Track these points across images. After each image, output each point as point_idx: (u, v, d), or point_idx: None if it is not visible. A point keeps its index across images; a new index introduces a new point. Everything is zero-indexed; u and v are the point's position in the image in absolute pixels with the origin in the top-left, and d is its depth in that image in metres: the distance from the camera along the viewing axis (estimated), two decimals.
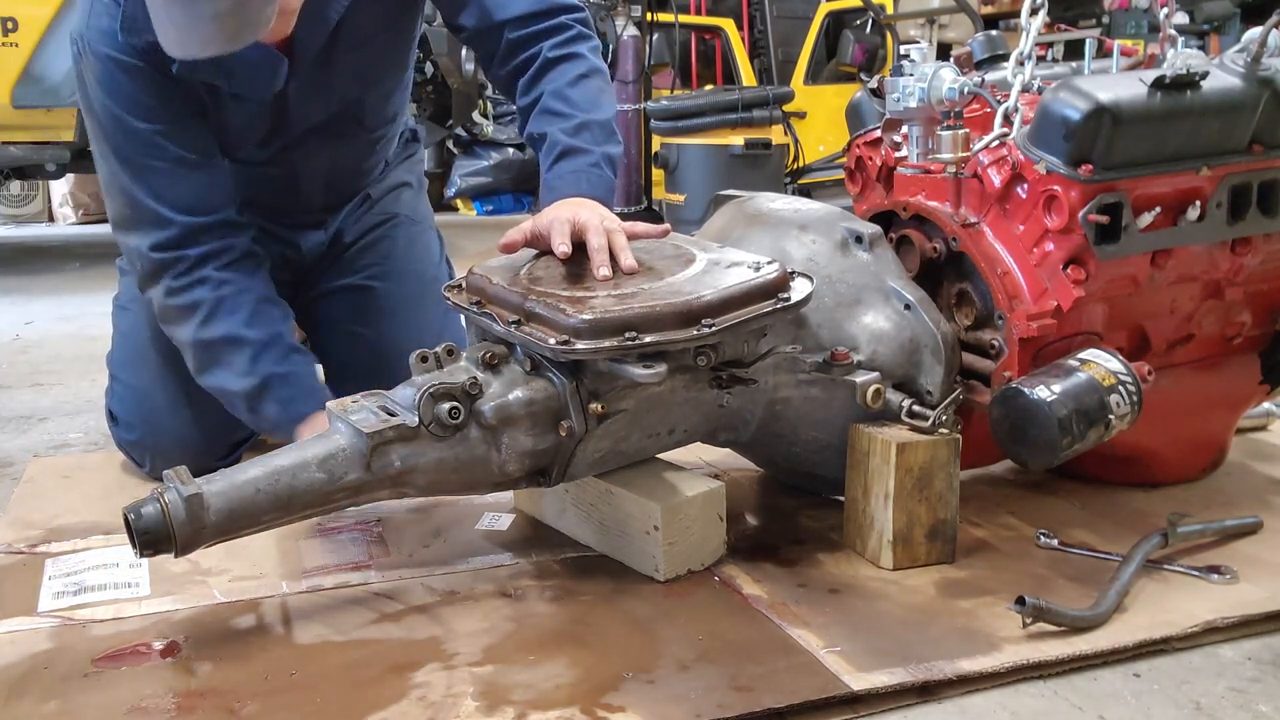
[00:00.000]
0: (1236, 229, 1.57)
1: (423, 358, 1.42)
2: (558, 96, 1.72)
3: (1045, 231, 1.48)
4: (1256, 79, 1.52)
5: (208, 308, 1.71)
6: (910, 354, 1.50)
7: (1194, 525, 1.52)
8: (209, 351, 1.72)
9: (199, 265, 1.71)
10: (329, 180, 2.00)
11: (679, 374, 1.40)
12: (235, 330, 1.71)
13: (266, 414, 1.71)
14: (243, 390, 1.70)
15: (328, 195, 2.03)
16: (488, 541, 1.59)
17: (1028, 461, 1.42)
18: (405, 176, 2.19)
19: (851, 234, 1.55)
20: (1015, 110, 1.53)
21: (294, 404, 1.70)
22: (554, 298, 1.38)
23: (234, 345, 1.71)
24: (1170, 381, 1.58)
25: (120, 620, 1.36)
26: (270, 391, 1.70)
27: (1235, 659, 1.26)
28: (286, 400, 1.70)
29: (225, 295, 1.72)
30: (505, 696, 1.17)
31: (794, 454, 1.60)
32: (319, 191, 2.01)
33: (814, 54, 5.93)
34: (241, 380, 1.70)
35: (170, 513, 1.24)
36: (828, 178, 5.31)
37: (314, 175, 1.96)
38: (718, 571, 1.47)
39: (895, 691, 1.17)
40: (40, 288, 4.09)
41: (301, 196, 1.99)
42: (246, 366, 1.70)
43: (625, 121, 4.95)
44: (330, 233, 2.06)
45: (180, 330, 1.74)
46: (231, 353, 1.71)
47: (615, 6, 4.78)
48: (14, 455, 2.08)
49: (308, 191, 1.99)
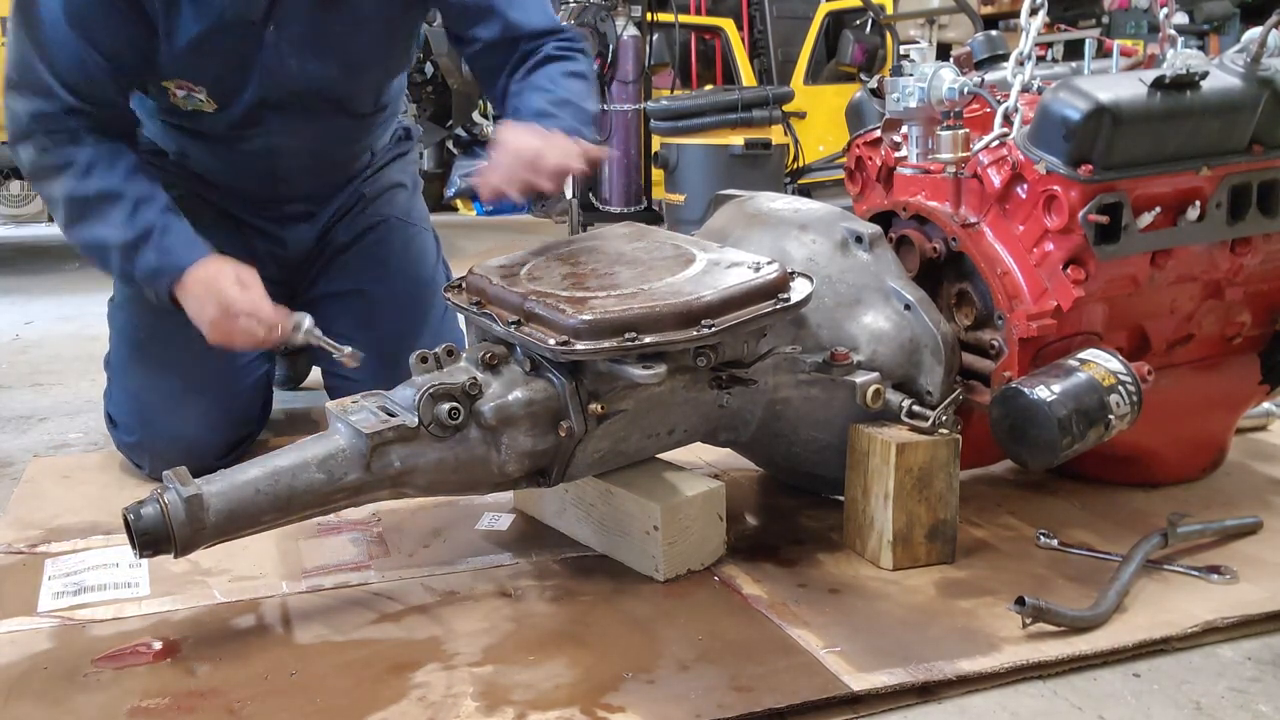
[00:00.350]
0: (1236, 229, 1.57)
1: (422, 358, 1.42)
2: (549, 78, 1.79)
3: (1045, 231, 1.48)
4: (1256, 79, 1.52)
5: (84, 163, 1.71)
6: (910, 354, 1.50)
7: (1194, 525, 1.52)
8: (85, 206, 1.72)
9: (75, 131, 1.72)
10: (310, 164, 1.98)
11: (679, 374, 1.40)
12: (113, 184, 1.71)
13: (144, 263, 1.70)
14: (120, 241, 1.70)
15: (310, 181, 2.02)
16: (488, 541, 1.59)
17: (1028, 461, 1.42)
18: (399, 177, 2.18)
19: (851, 234, 1.55)
20: (1015, 110, 1.53)
21: (174, 253, 1.69)
22: (554, 298, 1.38)
23: (111, 199, 1.71)
24: (1170, 381, 1.58)
25: (120, 620, 1.36)
26: (149, 241, 1.70)
27: (1235, 659, 1.26)
28: (166, 249, 1.70)
29: (102, 153, 1.72)
30: (505, 696, 1.17)
31: (794, 454, 1.60)
32: (300, 176, 1.99)
33: (814, 54, 5.93)
34: (119, 231, 1.70)
35: (170, 513, 1.24)
36: (828, 178, 5.31)
37: (293, 156, 1.94)
38: (718, 571, 1.47)
39: (895, 692, 1.17)
40: (40, 288, 4.09)
41: (281, 181, 1.98)
42: (124, 219, 1.70)
43: (625, 121, 4.95)
44: (318, 228, 2.05)
45: (53, 186, 1.73)
46: (108, 206, 1.70)
47: (615, 6, 4.78)
48: (14, 455, 2.08)
49: (288, 175, 1.97)
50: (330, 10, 1.77)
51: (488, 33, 1.85)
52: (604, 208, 5.03)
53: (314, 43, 1.80)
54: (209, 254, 1.71)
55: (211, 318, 1.67)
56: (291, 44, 1.78)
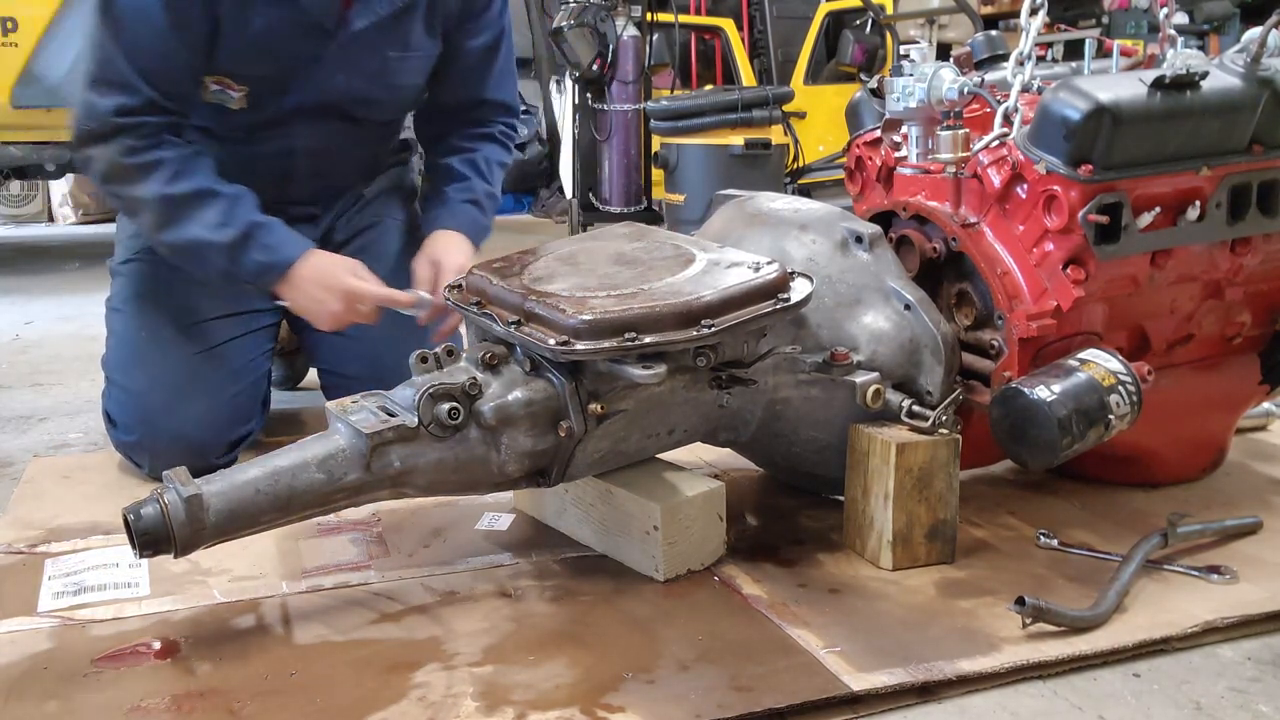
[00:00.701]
0: (1236, 229, 1.57)
1: (422, 358, 1.42)
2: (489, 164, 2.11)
3: (1045, 231, 1.48)
4: (1256, 79, 1.52)
5: (173, 165, 1.74)
6: (910, 354, 1.50)
7: (1194, 525, 1.52)
8: (178, 206, 1.74)
9: (159, 131, 1.75)
10: (322, 168, 2.01)
11: (679, 374, 1.40)
12: (206, 184, 1.74)
13: (250, 262, 1.75)
14: (225, 241, 1.73)
15: (317, 183, 2.04)
16: (488, 541, 1.59)
17: (1028, 461, 1.42)
18: (397, 182, 2.23)
19: (851, 234, 1.55)
20: (1015, 110, 1.53)
21: (279, 250, 1.75)
22: (554, 298, 1.38)
23: (206, 198, 1.74)
24: (1170, 381, 1.58)
25: (120, 620, 1.36)
26: (254, 239, 1.74)
27: (1235, 659, 1.26)
28: (271, 247, 1.75)
29: (189, 155, 1.77)
30: (505, 696, 1.17)
31: (794, 454, 1.60)
32: (310, 179, 2.02)
33: (814, 54, 5.92)
34: (220, 231, 1.73)
35: (170, 513, 1.24)
36: (828, 178, 5.31)
37: (307, 158, 1.97)
38: (718, 571, 1.47)
39: (895, 692, 1.17)
40: (40, 288, 4.09)
41: (292, 183, 2.00)
42: (222, 217, 1.73)
43: (625, 121, 4.95)
44: (320, 230, 2.07)
45: (139, 187, 1.75)
46: (203, 206, 1.73)
47: (615, 6, 4.77)
48: (14, 455, 2.08)
49: (299, 177, 2.00)
50: (388, 35, 1.88)
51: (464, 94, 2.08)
52: (604, 208, 5.03)
53: (366, 62, 1.89)
54: (310, 247, 1.76)
55: (333, 311, 1.76)
56: (346, 59, 1.86)
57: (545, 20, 5.16)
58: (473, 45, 2.03)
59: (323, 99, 1.90)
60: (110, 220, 5.84)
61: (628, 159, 4.99)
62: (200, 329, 1.90)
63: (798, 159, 5.21)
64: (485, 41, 2.05)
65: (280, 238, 1.79)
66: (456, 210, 2.02)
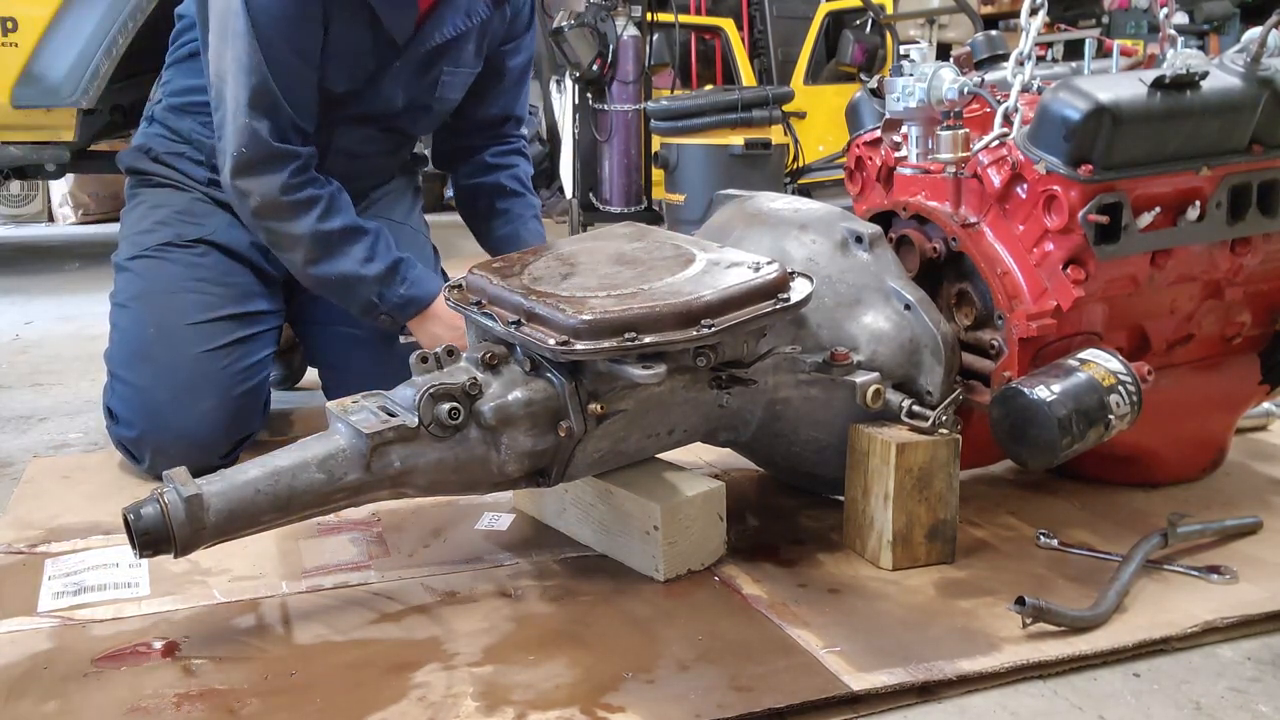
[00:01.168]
0: (1236, 229, 1.57)
1: (423, 358, 1.42)
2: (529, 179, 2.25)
3: (1045, 231, 1.48)
4: (1256, 79, 1.52)
5: (324, 202, 1.83)
6: (910, 354, 1.50)
7: (1194, 525, 1.52)
8: (329, 242, 1.84)
9: (309, 163, 1.84)
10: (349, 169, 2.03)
11: (678, 374, 1.40)
12: (352, 221, 1.85)
13: (395, 296, 1.86)
14: (374, 274, 1.84)
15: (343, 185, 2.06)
16: (488, 541, 1.59)
17: (1028, 461, 1.42)
18: (402, 186, 2.26)
19: (851, 234, 1.55)
20: (1015, 110, 1.53)
21: (421, 285, 1.88)
22: (554, 298, 1.38)
23: (354, 235, 1.84)
24: (1170, 381, 1.58)
25: (120, 620, 1.36)
26: (399, 274, 1.86)
27: (1235, 659, 1.26)
28: (415, 281, 1.87)
29: (335, 191, 1.86)
30: (505, 696, 1.17)
31: (794, 454, 1.60)
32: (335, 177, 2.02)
33: (814, 54, 5.92)
34: (369, 266, 1.84)
35: (170, 513, 1.24)
36: (828, 178, 5.31)
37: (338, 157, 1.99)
38: (718, 571, 1.47)
39: (895, 691, 1.17)
40: (40, 288, 4.09)
41: None
42: (368, 253, 1.84)
43: (625, 121, 4.95)
44: None
45: (293, 224, 1.83)
46: (351, 242, 1.84)
47: (615, 6, 4.77)
48: (14, 455, 2.08)
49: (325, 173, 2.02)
50: (446, 53, 1.95)
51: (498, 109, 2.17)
52: (604, 208, 5.03)
53: (424, 79, 1.97)
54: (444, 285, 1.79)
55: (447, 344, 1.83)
56: (409, 76, 1.94)
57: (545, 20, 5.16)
58: (513, 65, 2.13)
59: (375, 109, 1.96)
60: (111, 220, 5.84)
61: (628, 159, 4.99)
62: (207, 327, 1.91)
63: (798, 159, 5.21)
64: (523, 60, 2.14)
65: (420, 273, 1.90)
66: (530, 227, 2.16)
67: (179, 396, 1.84)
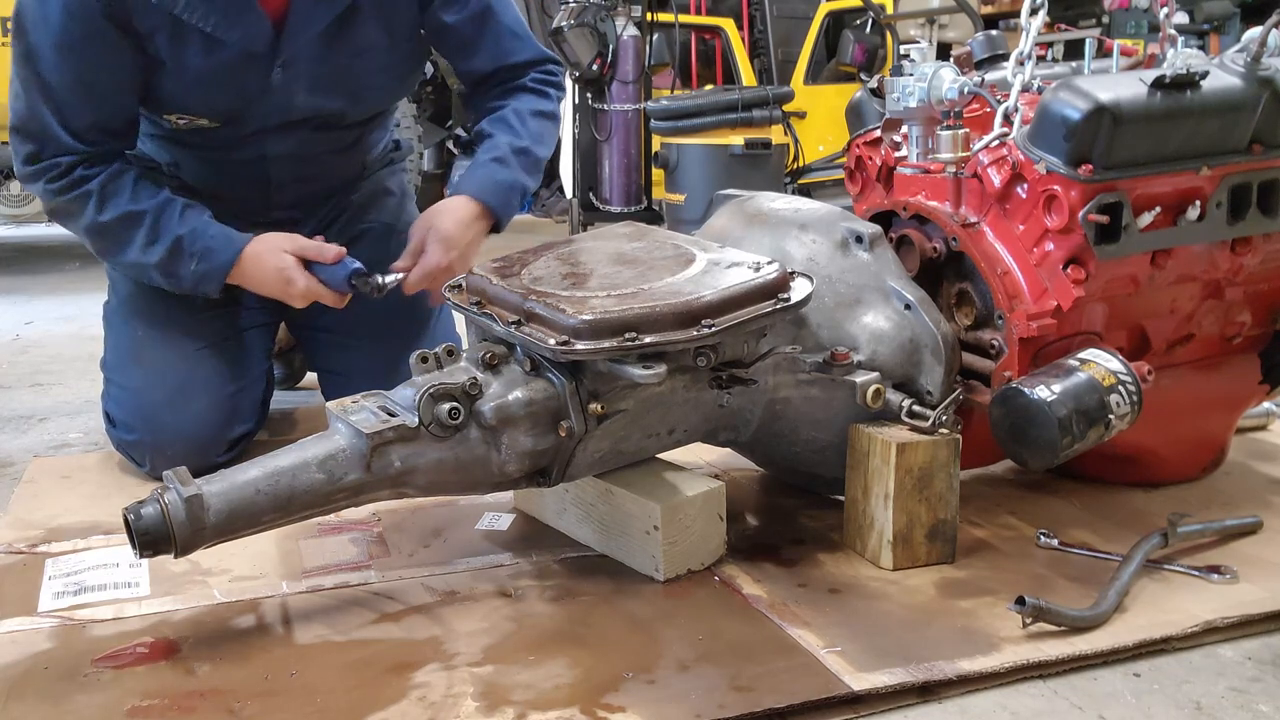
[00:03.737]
0: (1236, 229, 1.57)
1: (423, 358, 1.42)
2: (519, 115, 1.99)
3: (1045, 231, 1.48)
4: (1256, 79, 1.52)
5: (97, 194, 1.75)
6: (910, 354, 1.50)
7: (1194, 525, 1.52)
8: (108, 235, 1.77)
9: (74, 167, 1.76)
10: (303, 171, 1.99)
11: (679, 374, 1.40)
12: (126, 208, 1.76)
13: (187, 274, 1.77)
14: (158, 259, 1.76)
15: (298, 189, 2.02)
16: (488, 541, 1.59)
17: (1028, 461, 1.42)
18: (388, 184, 2.19)
19: (851, 234, 1.55)
20: (1015, 110, 1.53)
21: (214, 253, 1.76)
22: (554, 298, 1.38)
23: (130, 221, 1.75)
24: (1170, 381, 1.58)
25: (120, 620, 1.36)
26: (182, 251, 1.76)
27: (1235, 659, 1.26)
28: (203, 252, 1.76)
29: (110, 176, 1.77)
30: (505, 696, 1.17)
31: (794, 454, 1.60)
32: (292, 183, 2.00)
33: (814, 54, 5.92)
34: (149, 252, 1.75)
35: (170, 513, 1.24)
36: (828, 178, 5.31)
37: (287, 163, 1.95)
38: (718, 571, 1.47)
39: (895, 691, 1.17)
40: (40, 288, 4.09)
41: (274, 188, 1.99)
42: (148, 236, 1.75)
43: (625, 121, 4.95)
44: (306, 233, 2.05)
45: (74, 222, 1.79)
46: (130, 229, 1.76)
47: (615, 6, 4.77)
48: (14, 455, 2.08)
49: (280, 182, 1.98)
50: (335, 43, 1.82)
51: (479, 65, 2.00)
52: (604, 208, 5.03)
53: (321, 76, 1.85)
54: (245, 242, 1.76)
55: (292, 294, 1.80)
56: (299, 79, 1.83)
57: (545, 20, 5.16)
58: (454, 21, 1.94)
59: (288, 117, 1.88)
60: None
61: (628, 159, 4.99)
62: (198, 326, 1.90)
63: (798, 159, 5.21)
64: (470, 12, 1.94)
65: (209, 242, 1.78)
66: (474, 173, 1.96)
67: (172, 397, 1.84)
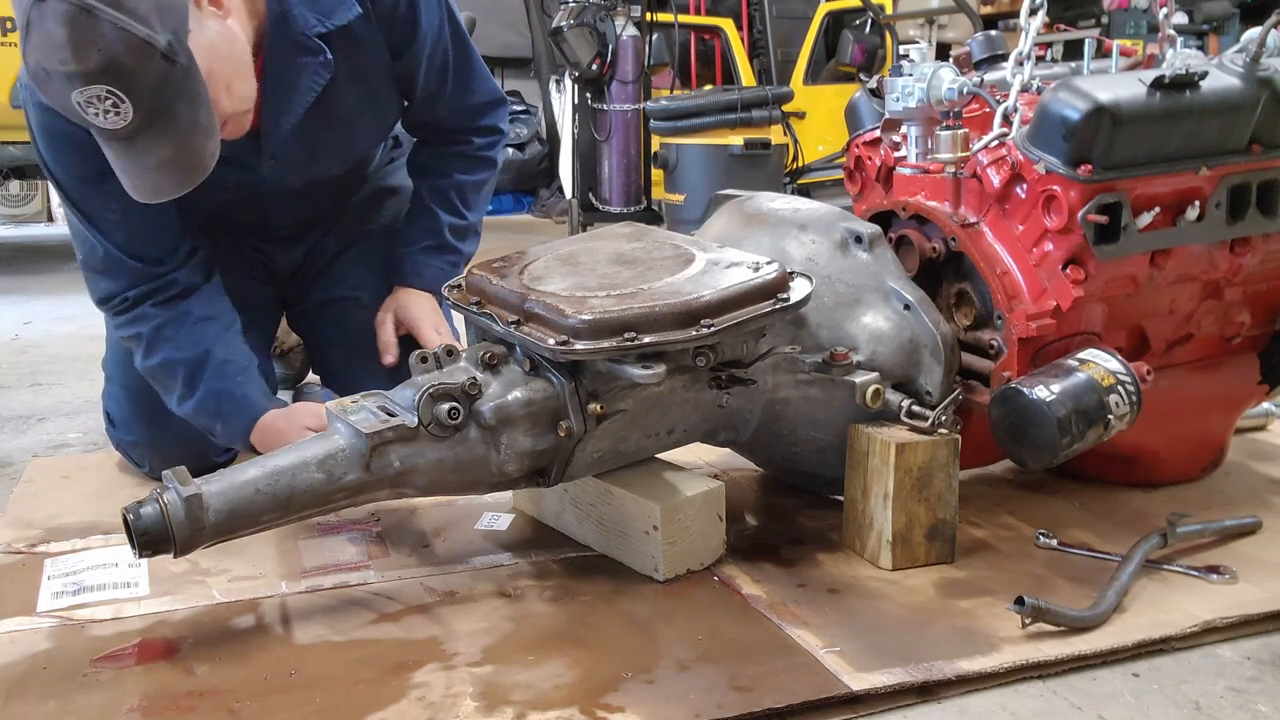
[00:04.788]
0: (1236, 229, 1.57)
1: (422, 358, 1.42)
2: (462, 189, 2.02)
3: (1044, 231, 1.48)
4: (1256, 79, 1.52)
5: (146, 338, 1.75)
6: (910, 354, 1.50)
7: (1194, 525, 1.52)
8: (155, 379, 1.77)
9: (136, 304, 1.75)
10: (299, 208, 1.99)
11: (678, 374, 1.40)
12: (170, 354, 1.74)
13: (217, 431, 1.75)
14: (191, 413, 1.75)
15: (298, 215, 2.02)
16: (487, 541, 1.59)
17: (1027, 461, 1.42)
18: (389, 182, 2.17)
19: (851, 234, 1.55)
20: (1014, 110, 1.53)
21: (236, 417, 1.73)
22: (553, 298, 1.38)
23: (168, 370, 1.74)
24: (1170, 381, 1.58)
25: (120, 620, 1.36)
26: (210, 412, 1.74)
27: (1234, 659, 1.26)
28: (227, 416, 1.73)
29: (163, 324, 1.75)
30: (505, 696, 1.17)
31: (793, 454, 1.60)
32: (290, 218, 2.01)
33: (813, 54, 5.93)
34: (183, 404, 1.74)
35: (169, 513, 1.24)
36: (827, 178, 5.32)
37: (282, 205, 1.94)
38: (717, 571, 1.47)
39: (895, 691, 1.17)
40: (40, 288, 4.09)
41: (272, 222, 1.99)
42: (184, 390, 1.74)
43: (625, 121, 4.95)
44: (306, 245, 2.05)
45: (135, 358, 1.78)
46: (169, 378, 1.75)
47: (615, 6, 4.78)
48: (14, 455, 2.08)
49: (278, 217, 1.98)
50: (318, 123, 1.76)
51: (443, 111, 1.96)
52: (604, 208, 5.04)
53: (309, 155, 1.83)
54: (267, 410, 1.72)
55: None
56: (288, 164, 1.81)
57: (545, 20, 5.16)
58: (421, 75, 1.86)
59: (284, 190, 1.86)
60: None
61: (627, 159, 5.00)
62: None
63: (797, 159, 5.22)
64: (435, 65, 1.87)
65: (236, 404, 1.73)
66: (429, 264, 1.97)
67: None
